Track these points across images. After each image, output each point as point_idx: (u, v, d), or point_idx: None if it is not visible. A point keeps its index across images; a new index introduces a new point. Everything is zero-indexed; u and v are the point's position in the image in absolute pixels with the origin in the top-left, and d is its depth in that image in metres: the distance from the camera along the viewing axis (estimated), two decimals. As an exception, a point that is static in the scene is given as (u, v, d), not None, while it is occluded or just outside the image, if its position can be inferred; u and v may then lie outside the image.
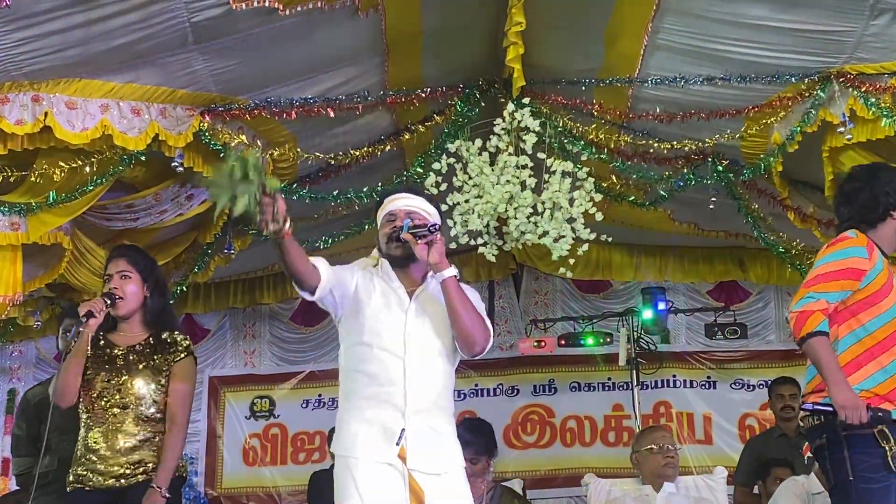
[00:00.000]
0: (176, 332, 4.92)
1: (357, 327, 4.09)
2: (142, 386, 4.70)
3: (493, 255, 6.76)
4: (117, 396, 4.65)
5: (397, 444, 3.92)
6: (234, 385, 10.52)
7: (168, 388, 4.78)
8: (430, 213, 4.22)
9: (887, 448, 4.11)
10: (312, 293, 3.98)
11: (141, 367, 4.74)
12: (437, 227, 4.06)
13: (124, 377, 4.69)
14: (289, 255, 3.84)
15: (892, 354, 4.23)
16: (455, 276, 4.03)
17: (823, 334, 4.17)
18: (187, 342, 4.93)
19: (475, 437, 5.83)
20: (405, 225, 4.07)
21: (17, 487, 5.96)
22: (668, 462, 5.93)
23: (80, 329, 4.60)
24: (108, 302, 4.67)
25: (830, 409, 4.13)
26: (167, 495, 4.58)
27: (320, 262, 4.03)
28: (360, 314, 4.09)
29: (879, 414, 4.13)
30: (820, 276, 4.29)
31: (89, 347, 4.70)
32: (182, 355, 4.85)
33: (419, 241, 4.02)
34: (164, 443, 4.70)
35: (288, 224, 3.68)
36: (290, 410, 10.39)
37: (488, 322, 4.16)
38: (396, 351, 4.01)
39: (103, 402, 4.66)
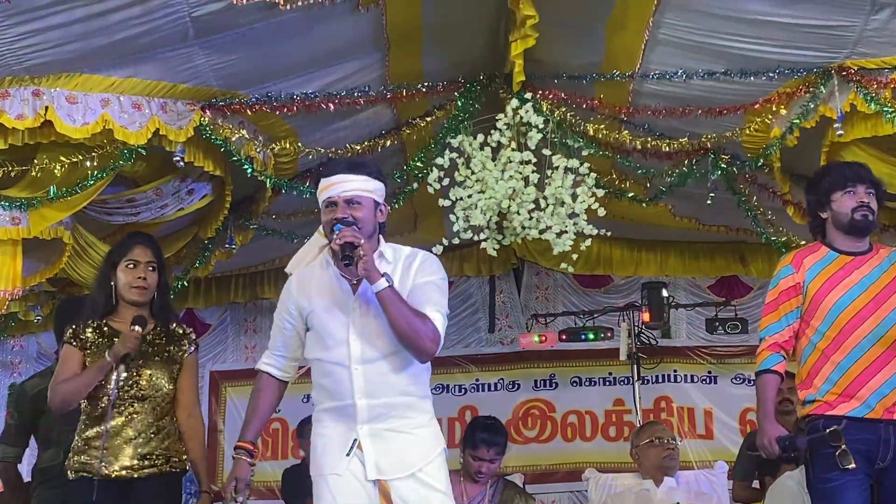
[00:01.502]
0: (184, 326, 4.93)
1: (311, 342, 4.10)
2: (157, 377, 4.69)
3: (494, 249, 6.75)
4: (136, 387, 4.63)
5: (347, 454, 3.91)
6: (236, 380, 10.52)
7: (179, 381, 4.78)
8: (371, 192, 4.03)
9: (838, 447, 4.28)
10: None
11: (157, 358, 4.73)
12: (354, 246, 3.81)
13: (142, 369, 4.66)
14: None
15: (844, 350, 4.39)
16: (388, 286, 3.82)
17: (765, 372, 4.60)
18: (194, 335, 4.93)
19: (499, 437, 5.89)
20: (335, 231, 3.87)
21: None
22: (668, 454, 5.95)
23: (114, 366, 4.55)
24: (139, 330, 4.63)
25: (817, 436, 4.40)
26: (215, 488, 4.71)
27: (272, 365, 4.24)
28: (311, 330, 4.08)
29: (826, 423, 4.36)
30: (763, 311, 4.68)
31: (90, 335, 4.71)
32: (192, 348, 4.86)
33: (345, 265, 3.90)
34: (191, 440, 4.77)
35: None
36: (290, 405, 10.29)
37: (437, 320, 3.94)
38: (342, 361, 3.95)
39: (120, 393, 4.61)
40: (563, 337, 9.61)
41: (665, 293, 9.21)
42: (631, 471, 6.24)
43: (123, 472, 4.55)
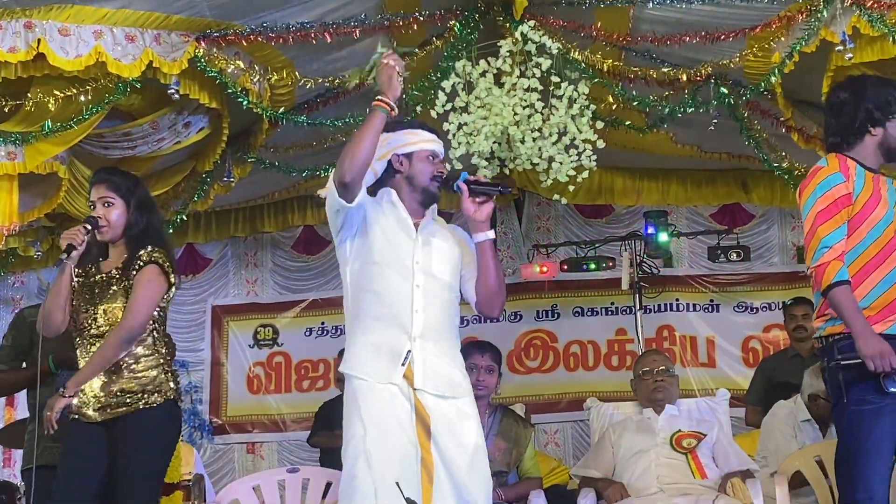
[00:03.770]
0: (150, 248, 4.63)
1: (367, 247, 4.06)
2: (116, 309, 4.56)
3: (489, 177, 6.71)
4: (94, 325, 4.56)
5: (402, 364, 3.92)
6: (237, 314, 10.53)
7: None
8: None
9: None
10: (351, 200, 3.92)
11: (113, 290, 4.59)
12: (507, 189, 4.15)
13: (98, 304, 4.57)
14: (376, 133, 3.92)
15: (881, 271, 4.19)
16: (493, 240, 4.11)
17: (842, 283, 4.12)
18: (156, 255, 4.60)
19: (488, 346, 5.93)
20: (463, 175, 4.09)
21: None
22: (657, 386, 5.94)
23: (64, 261, 4.48)
24: (88, 228, 4.54)
25: (859, 360, 4.07)
26: (69, 395, 4.44)
27: None
28: (370, 234, 4.06)
29: None
30: (818, 220, 4.22)
31: (76, 279, 4.64)
32: (140, 264, 4.58)
33: (477, 199, 4.07)
34: (97, 352, 4.52)
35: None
36: (293, 339, 10.41)
37: None
38: (405, 273, 4.01)
39: (85, 332, 4.57)
40: (565, 267, 9.61)
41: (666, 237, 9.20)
42: (633, 399, 6.25)
43: (100, 414, 4.49)
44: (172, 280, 4.67)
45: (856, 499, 4.10)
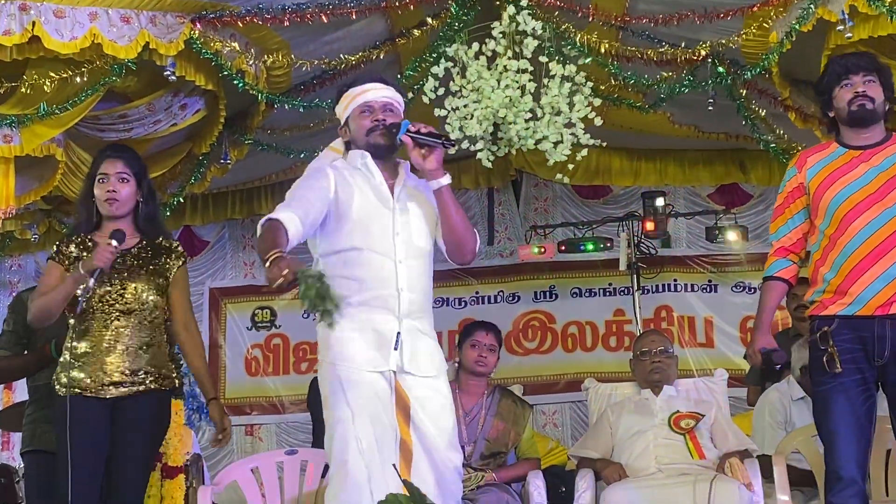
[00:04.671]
0: (171, 239, 4.85)
1: (342, 232, 3.98)
2: (144, 291, 4.62)
3: (489, 160, 6.70)
4: (120, 301, 4.57)
5: (395, 348, 3.90)
6: (235, 296, 10.54)
7: (171, 296, 4.73)
8: (400, 104, 4.19)
9: (826, 350, 4.21)
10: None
11: (142, 271, 4.65)
12: (450, 144, 4.02)
13: (126, 282, 4.59)
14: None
15: (839, 247, 4.23)
16: (449, 184, 4.00)
17: (768, 279, 4.53)
18: (181, 248, 4.85)
19: (490, 325, 5.95)
20: (403, 125, 3.98)
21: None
22: (654, 367, 5.94)
23: (89, 285, 4.40)
24: (116, 245, 4.49)
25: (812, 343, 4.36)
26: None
27: (287, 214, 3.82)
28: (345, 218, 3.98)
29: (819, 325, 4.31)
30: (772, 220, 4.60)
31: (76, 249, 4.65)
32: (181, 262, 4.80)
33: (422, 150, 3.96)
34: (191, 353, 4.74)
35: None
36: (291, 321, 10.41)
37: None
38: (387, 252, 3.95)
39: (105, 307, 4.56)
40: (563, 248, 9.60)
41: (662, 202, 9.19)
42: (631, 380, 6.25)
43: (112, 389, 4.51)
44: None
45: (834, 475, 4.21)
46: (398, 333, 3.91)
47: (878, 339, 4.15)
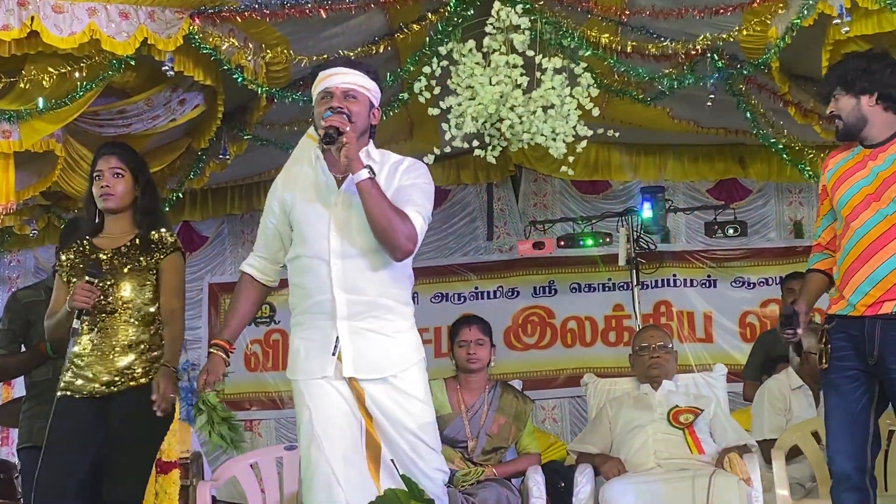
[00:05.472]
0: (163, 231, 4.78)
1: (294, 240, 4.05)
2: (129, 289, 4.61)
3: (493, 157, 6.70)
4: (104, 302, 4.56)
5: (333, 353, 3.88)
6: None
7: (160, 287, 4.70)
8: (368, 89, 4.03)
9: (823, 346, 4.27)
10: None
11: (126, 269, 4.63)
12: (339, 131, 3.81)
13: (110, 281, 4.59)
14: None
15: (840, 248, 4.28)
16: (370, 178, 3.81)
17: (809, 272, 4.54)
18: (174, 238, 4.79)
19: (477, 319, 5.95)
20: (324, 118, 3.88)
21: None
22: (653, 363, 5.95)
23: (77, 329, 4.47)
24: (94, 282, 4.50)
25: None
26: (176, 367, 4.59)
27: (255, 261, 4.23)
28: (294, 227, 4.04)
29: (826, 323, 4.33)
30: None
31: (73, 257, 4.68)
32: (169, 251, 4.73)
33: (327, 148, 3.87)
34: (166, 325, 4.64)
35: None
36: (290, 316, 10.38)
37: (416, 220, 3.90)
38: (322, 255, 3.91)
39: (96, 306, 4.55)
40: (562, 243, 9.58)
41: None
42: (630, 375, 6.25)
43: (104, 389, 4.52)
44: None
45: (829, 470, 4.30)
46: (336, 338, 3.89)
47: (867, 338, 4.16)
